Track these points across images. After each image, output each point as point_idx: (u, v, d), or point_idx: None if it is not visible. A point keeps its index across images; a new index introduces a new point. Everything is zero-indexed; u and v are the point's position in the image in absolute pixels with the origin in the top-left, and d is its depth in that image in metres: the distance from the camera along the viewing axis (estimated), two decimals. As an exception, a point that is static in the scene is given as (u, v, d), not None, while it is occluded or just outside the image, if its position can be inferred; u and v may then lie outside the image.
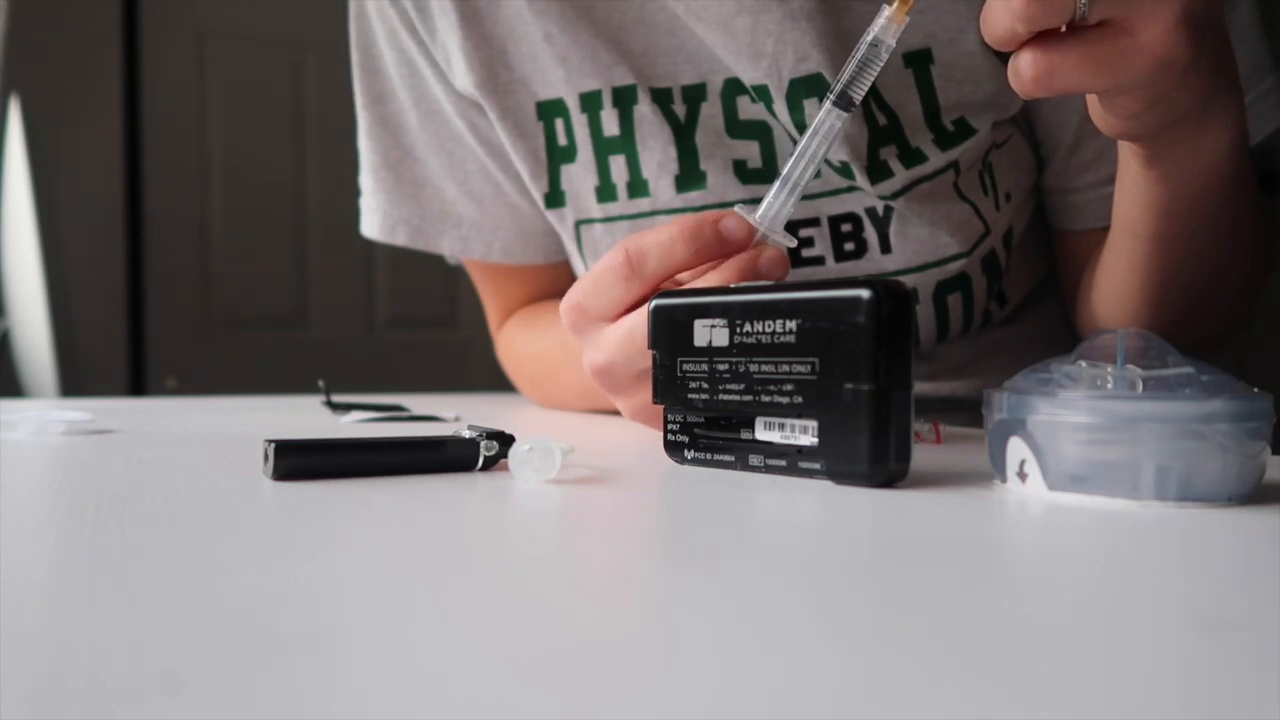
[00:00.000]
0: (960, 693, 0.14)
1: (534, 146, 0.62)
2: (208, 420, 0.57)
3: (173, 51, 2.03)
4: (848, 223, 0.58)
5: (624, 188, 0.60)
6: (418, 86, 0.65)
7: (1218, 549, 0.25)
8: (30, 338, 1.84)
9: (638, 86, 0.58)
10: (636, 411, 0.46)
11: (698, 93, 0.58)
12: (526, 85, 0.61)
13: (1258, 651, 0.16)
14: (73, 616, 0.18)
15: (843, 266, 0.58)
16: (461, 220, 0.68)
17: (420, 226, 0.68)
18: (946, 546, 0.24)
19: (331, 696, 0.14)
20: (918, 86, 0.55)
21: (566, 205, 0.62)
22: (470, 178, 0.67)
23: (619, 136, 0.59)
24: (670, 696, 0.14)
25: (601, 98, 0.59)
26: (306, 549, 0.24)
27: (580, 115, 0.60)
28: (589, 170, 0.60)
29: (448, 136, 0.66)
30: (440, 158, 0.67)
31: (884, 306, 0.31)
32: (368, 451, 0.35)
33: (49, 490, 0.31)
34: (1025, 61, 0.35)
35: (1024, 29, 0.35)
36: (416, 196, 0.68)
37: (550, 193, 0.62)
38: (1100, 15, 0.35)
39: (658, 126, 0.58)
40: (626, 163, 0.59)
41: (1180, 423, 0.28)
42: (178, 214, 2.04)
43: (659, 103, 0.58)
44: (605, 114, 0.59)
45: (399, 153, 0.67)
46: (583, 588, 0.21)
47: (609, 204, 0.60)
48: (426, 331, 2.31)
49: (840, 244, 0.58)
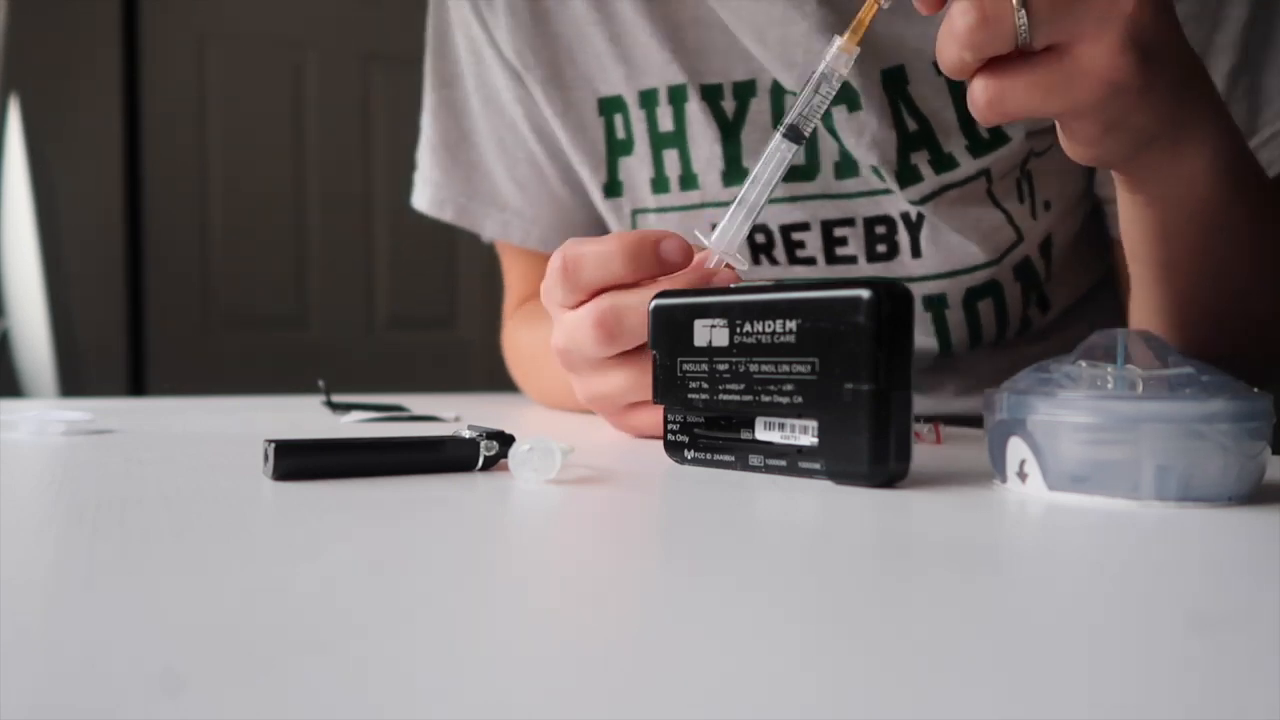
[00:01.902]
0: (960, 693, 0.14)
1: (594, 139, 0.65)
2: (208, 420, 0.57)
3: (173, 51, 2.03)
4: (882, 225, 0.60)
5: (676, 180, 0.63)
6: (481, 74, 0.69)
7: (1218, 549, 0.25)
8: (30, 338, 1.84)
9: (688, 85, 0.61)
10: (589, 398, 0.47)
11: (747, 89, 0.61)
12: (589, 82, 0.64)
13: (1258, 651, 0.16)
14: (73, 616, 0.18)
15: (874, 267, 0.61)
16: (506, 205, 0.71)
17: (467, 206, 0.72)
18: (946, 546, 0.24)
19: (331, 696, 0.14)
20: (951, 93, 0.56)
21: (624, 195, 0.66)
22: (518, 165, 0.70)
23: (672, 132, 0.62)
24: (670, 697, 0.14)
25: (658, 95, 0.62)
26: (306, 549, 0.24)
27: (639, 111, 0.63)
28: (645, 163, 0.64)
29: (501, 124, 0.70)
30: (494, 144, 0.70)
31: (884, 306, 0.31)
32: (368, 451, 0.35)
33: (49, 490, 0.31)
34: (977, 88, 0.36)
35: (971, 57, 0.35)
36: (468, 178, 0.72)
37: (609, 183, 0.66)
38: (1044, 40, 0.35)
39: (705, 125, 0.61)
40: (679, 157, 0.62)
41: (1180, 423, 0.28)
42: (178, 214, 2.04)
43: (708, 100, 0.61)
44: (660, 110, 0.62)
45: (458, 135, 0.72)
46: (583, 588, 0.21)
47: (662, 195, 0.64)
48: (426, 331, 2.31)
49: (873, 245, 0.61)
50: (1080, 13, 0.34)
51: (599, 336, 0.43)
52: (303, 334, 2.19)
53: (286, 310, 2.18)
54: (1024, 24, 0.34)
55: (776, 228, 0.62)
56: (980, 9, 0.34)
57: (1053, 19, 0.34)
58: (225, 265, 2.11)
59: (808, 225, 0.62)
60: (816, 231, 0.62)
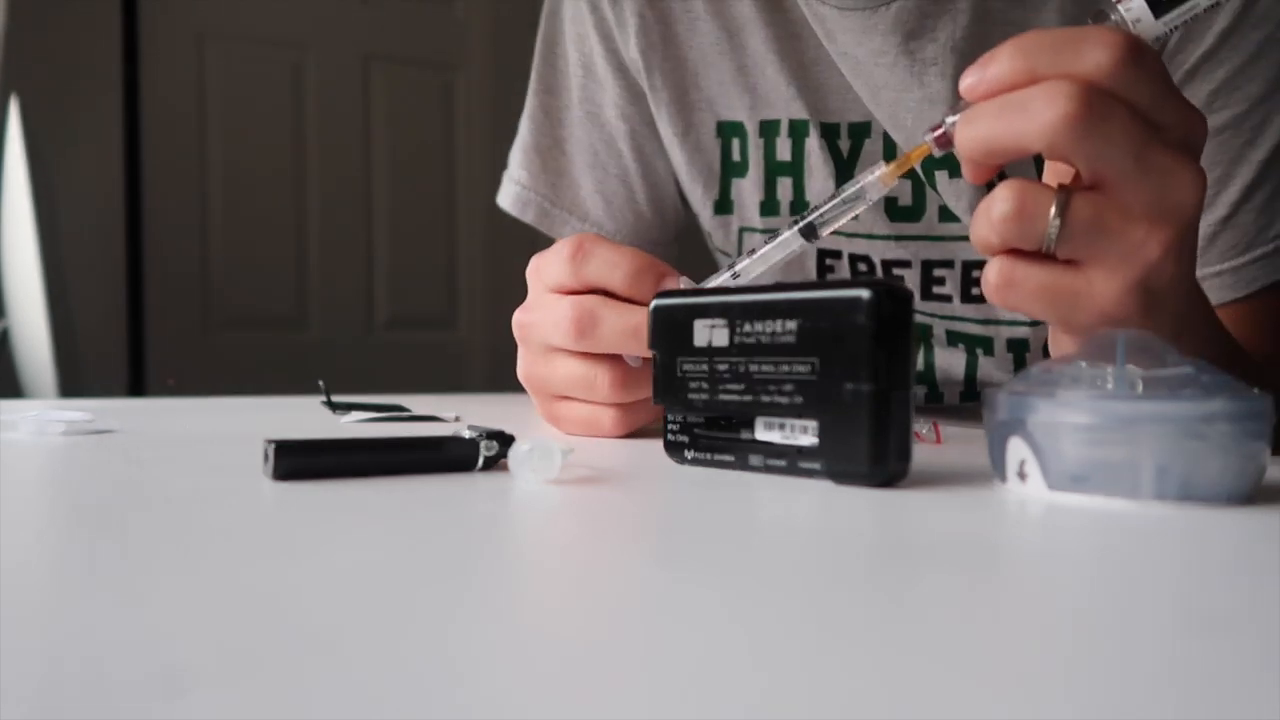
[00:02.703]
0: (960, 693, 0.14)
1: (710, 160, 0.68)
2: (208, 420, 0.57)
3: (173, 51, 2.03)
4: (979, 269, 0.63)
5: (787, 205, 0.67)
6: (588, 87, 0.71)
7: (1218, 549, 0.25)
8: (30, 338, 1.84)
9: (810, 121, 0.64)
10: (527, 376, 0.50)
11: (862, 130, 0.64)
12: (712, 105, 0.67)
13: (1257, 652, 0.16)
14: (73, 616, 0.18)
15: (968, 309, 0.65)
16: (587, 215, 0.73)
17: (549, 211, 0.73)
18: (946, 547, 0.24)
19: (331, 696, 0.14)
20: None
21: (733, 213, 0.69)
22: (608, 179, 0.72)
23: (789, 162, 0.66)
24: (671, 696, 0.14)
25: (779, 127, 0.65)
26: (306, 549, 0.24)
27: (757, 140, 0.66)
28: (757, 186, 0.67)
29: (599, 138, 0.72)
30: (586, 156, 0.72)
31: (884, 307, 0.31)
32: (368, 451, 0.35)
33: (49, 490, 0.31)
34: (991, 269, 0.36)
35: (997, 241, 0.35)
36: (554, 185, 0.73)
37: (720, 200, 0.69)
38: (1066, 253, 0.35)
39: (823, 160, 0.64)
40: (792, 185, 0.66)
41: (1180, 423, 0.28)
42: (178, 214, 2.04)
43: (826, 138, 0.64)
44: (780, 141, 0.65)
45: (550, 141, 0.73)
46: (583, 588, 0.21)
47: (771, 218, 0.67)
48: (426, 332, 2.31)
49: (968, 287, 0.64)
50: (1107, 244, 0.35)
51: (570, 331, 0.45)
52: (303, 334, 2.19)
53: (286, 310, 2.18)
54: (1055, 232, 0.34)
55: (879, 261, 0.65)
56: (1020, 203, 0.34)
57: (1080, 237, 0.34)
58: (225, 265, 2.11)
59: (909, 263, 0.65)
60: (917, 269, 0.65)
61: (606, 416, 0.48)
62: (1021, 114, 0.34)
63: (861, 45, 0.59)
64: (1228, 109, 0.55)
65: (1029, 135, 0.34)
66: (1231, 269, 0.56)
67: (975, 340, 0.66)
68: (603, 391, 0.47)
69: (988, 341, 0.66)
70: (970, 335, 0.66)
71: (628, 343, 0.45)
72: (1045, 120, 0.33)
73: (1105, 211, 0.34)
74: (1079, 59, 0.33)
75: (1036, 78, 0.34)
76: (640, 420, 0.48)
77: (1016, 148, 0.34)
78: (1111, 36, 0.33)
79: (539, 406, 0.51)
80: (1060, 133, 0.33)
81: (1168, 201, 0.34)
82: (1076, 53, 0.33)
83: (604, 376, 0.46)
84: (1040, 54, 0.34)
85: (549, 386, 0.49)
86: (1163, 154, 0.34)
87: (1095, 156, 0.33)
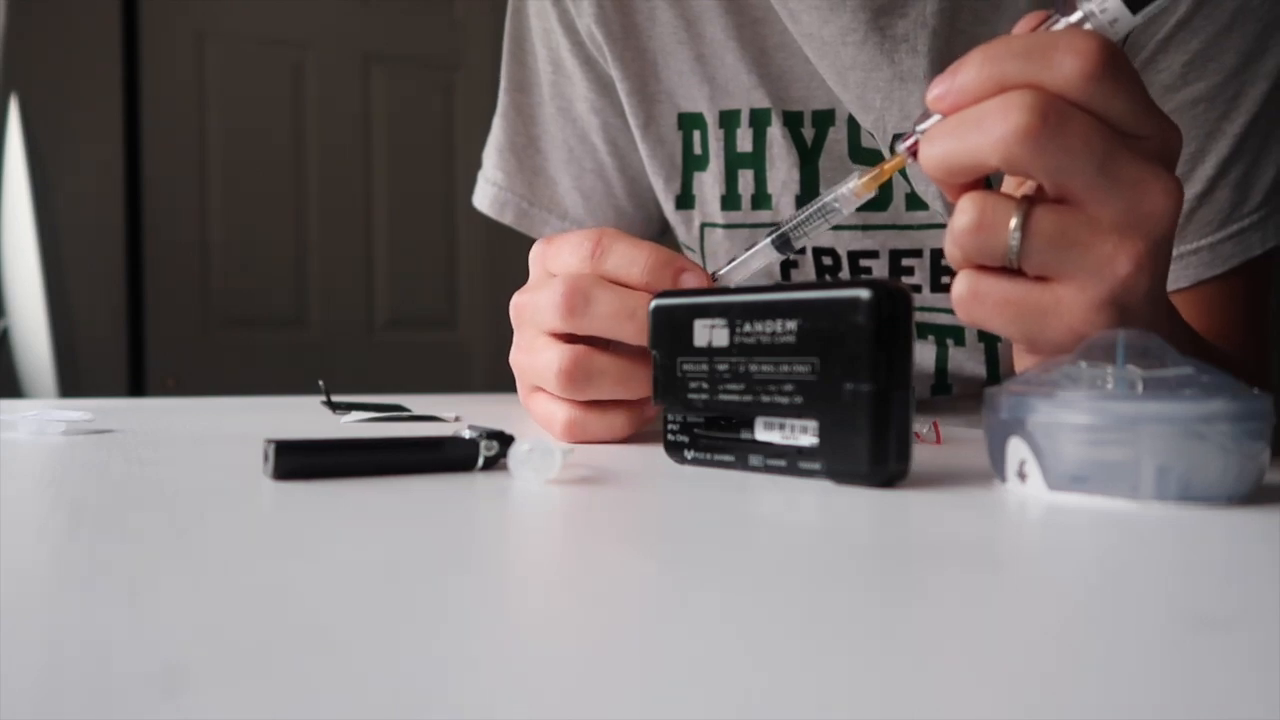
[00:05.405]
0: (960, 693, 0.14)
1: (671, 153, 0.67)
2: (208, 420, 0.57)
3: (173, 51, 2.03)
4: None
5: (748, 199, 0.65)
6: (558, 83, 0.70)
7: (1218, 549, 0.25)
8: (30, 337, 1.84)
9: (772, 110, 0.63)
10: (513, 360, 0.47)
11: (826, 118, 0.62)
12: (671, 97, 0.66)
13: (1257, 652, 0.16)
14: (73, 616, 0.18)
15: (937, 298, 0.63)
16: (567, 213, 0.72)
17: (527, 211, 0.72)
18: (947, 547, 0.24)
19: (331, 696, 0.14)
20: None
21: (695, 208, 0.67)
22: (584, 175, 0.71)
23: (750, 153, 0.64)
24: (671, 696, 0.14)
25: (739, 117, 0.64)
26: (306, 548, 0.24)
27: (717, 130, 0.65)
28: (717, 180, 0.65)
29: (573, 134, 0.71)
30: (561, 152, 0.71)
31: (884, 307, 0.31)
32: (368, 451, 0.35)
33: (49, 490, 0.31)
34: (957, 284, 0.35)
35: (960, 255, 0.34)
36: (531, 183, 0.72)
37: (681, 195, 0.68)
38: (1032, 269, 0.33)
39: (786, 149, 0.63)
40: (754, 177, 0.64)
41: (1180, 423, 0.28)
42: (178, 214, 2.04)
43: (789, 126, 0.63)
44: (740, 132, 0.64)
45: (525, 140, 0.72)
46: (582, 588, 0.21)
47: (732, 212, 0.66)
48: (426, 332, 2.31)
49: (938, 277, 0.63)
50: (1075, 259, 0.33)
51: (561, 307, 0.42)
52: (303, 334, 2.19)
53: (286, 310, 2.18)
54: (1015, 245, 0.33)
55: (845, 253, 0.64)
56: (979, 215, 0.33)
57: (1044, 251, 0.33)
58: (225, 265, 2.11)
59: (876, 254, 0.64)
60: (884, 260, 0.63)
61: (558, 415, 0.44)
62: (976, 129, 0.32)
63: (828, 24, 0.57)
64: (1202, 80, 0.54)
65: (983, 151, 0.32)
66: (1209, 245, 0.56)
67: (945, 331, 0.65)
68: (549, 378, 0.43)
69: (958, 331, 0.64)
70: (940, 326, 0.65)
71: (622, 326, 0.42)
72: (998, 135, 0.32)
73: (1071, 224, 0.33)
74: (1048, 68, 0.32)
75: (1005, 87, 0.32)
76: (597, 432, 0.44)
77: (974, 165, 0.33)
78: (1084, 43, 0.32)
79: (520, 395, 0.48)
80: (1013, 147, 0.32)
81: (1138, 213, 0.33)
82: (1046, 61, 0.32)
83: (559, 361, 0.42)
84: (1009, 62, 0.32)
85: (528, 373, 0.46)
86: (1132, 164, 0.32)
87: (1055, 169, 0.32)
